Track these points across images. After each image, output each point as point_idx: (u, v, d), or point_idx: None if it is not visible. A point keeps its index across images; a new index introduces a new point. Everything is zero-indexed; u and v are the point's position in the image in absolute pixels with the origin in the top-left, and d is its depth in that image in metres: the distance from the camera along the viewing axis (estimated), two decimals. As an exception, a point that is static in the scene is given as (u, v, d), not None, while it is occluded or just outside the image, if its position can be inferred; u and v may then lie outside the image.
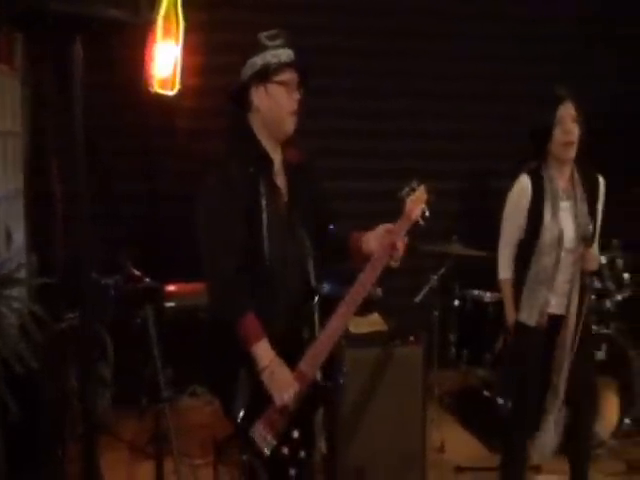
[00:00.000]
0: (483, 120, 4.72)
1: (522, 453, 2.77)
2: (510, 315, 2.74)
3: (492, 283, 3.94)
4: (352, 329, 3.19)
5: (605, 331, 3.57)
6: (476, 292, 3.90)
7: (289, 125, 2.07)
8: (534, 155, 2.71)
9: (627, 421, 3.51)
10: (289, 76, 2.04)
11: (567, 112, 2.53)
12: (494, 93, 4.72)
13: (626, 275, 3.79)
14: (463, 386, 4.14)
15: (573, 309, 2.59)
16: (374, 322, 3.31)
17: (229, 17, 4.23)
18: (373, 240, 2.08)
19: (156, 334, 2.49)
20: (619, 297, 3.76)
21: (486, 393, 3.78)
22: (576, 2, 4.82)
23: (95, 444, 2.09)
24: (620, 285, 3.81)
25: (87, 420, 2.06)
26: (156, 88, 3.85)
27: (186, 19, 3.83)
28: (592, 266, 2.58)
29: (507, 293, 2.76)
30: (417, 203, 2.10)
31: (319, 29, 4.37)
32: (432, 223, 4.92)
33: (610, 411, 3.47)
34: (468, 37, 4.67)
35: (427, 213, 2.11)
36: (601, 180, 2.71)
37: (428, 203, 2.12)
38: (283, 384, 1.93)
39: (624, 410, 3.50)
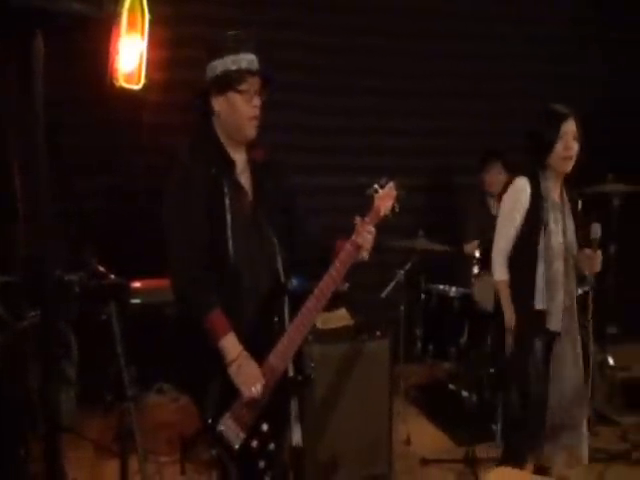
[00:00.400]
0: (449, 117, 4.78)
1: (525, 457, 2.79)
2: (511, 316, 2.71)
3: (457, 278, 4.05)
4: (319, 324, 3.21)
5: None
6: (441, 287, 3.95)
7: (249, 130, 2.07)
8: (532, 164, 2.74)
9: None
10: (249, 83, 2.03)
11: (570, 129, 2.61)
12: (460, 91, 4.79)
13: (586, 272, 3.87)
14: (429, 380, 4.21)
15: (572, 304, 2.71)
16: (341, 317, 3.32)
17: (195, 11, 4.19)
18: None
19: (121, 331, 2.46)
20: (580, 291, 3.85)
21: (451, 386, 3.85)
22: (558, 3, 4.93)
23: (58, 443, 2.06)
24: (581, 280, 3.90)
25: (50, 419, 2.03)
26: (121, 82, 3.79)
27: (151, 12, 3.78)
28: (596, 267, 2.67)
29: (505, 294, 2.73)
30: (386, 199, 2.13)
31: (287, 24, 4.38)
32: (398, 219, 4.97)
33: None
34: (439, 35, 4.73)
35: (397, 209, 2.16)
36: (579, 200, 2.81)
37: (398, 199, 2.16)
38: (250, 377, 1.94)
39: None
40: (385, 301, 3.76)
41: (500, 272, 2.76)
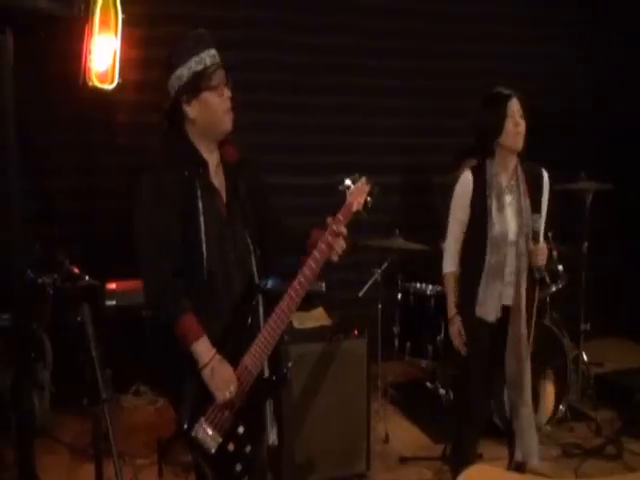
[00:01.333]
0: (423, 115, 4.81)
1: (474, 445, 2.85)
2: (452, 308, 2.79)
3: (434, 276, 4.07)
4: (296, 324, 3.20)
5: (542, 321, 3.70)
6: (418, 285, 3.96)
7: (227, 124, 2.06)
8: (479, 151, 2.77)
9: (562, 408, 3.66)
10: (217, 78, 2.01)
11: (515, 107, 2.65)
12: (435, 89, 4.82)
13: (560, 267, 3.93)
14: (406, 378, 4.23)
15: (522, 301, 2.66)
16: (318, 317, 3.32)
17: (169, 10, 4.16)
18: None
19: (95, 333, 2.44)
20: (554, 288, 3.90)
21: (428, 384, 3.87)
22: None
23: (31, 447, 2.03)
24: (555, 277, 3.96)
25: (22, 424, 2.00)
26: (95, 82, 3.75)
27: (125, 11, 3.74)
28: (541, 261, 2.64)
29: (451, 286, 2.80)
30: (358, 194, 2.10)
31: (260, 23, 4.36)
32: (375, 218, 4.99)
33: (546, 398, 3.60)
34: (411, 33, 4.75)
35: (370, 204, 2.12)
36: (545, 174, 2.79)
37: (371, 194, 2.13)
38: (224, 381, 1.93)
39: (559, 397, 3.64)
40: (362, 300, 3.77)
41: (448, 265, 2.81)
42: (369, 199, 2.12)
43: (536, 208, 2.70)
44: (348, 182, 2.11)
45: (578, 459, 3.33)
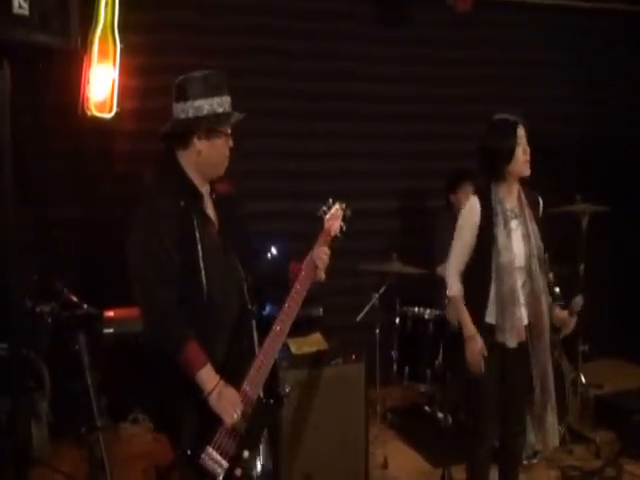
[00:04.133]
0: (419, 140, 4.85)
1: (488, 469, 2.85)
2: (470, 327, 2.72)
3: (431, 300, 4.07)
4: (294, 350, 3.20)
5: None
6: (416, 309, 3.95)
7: (222, 169, 2.15)
8: (487, 175, 2.78)
9: (561, 429, 3.63)
10: (229, 126, 2.11)
11: (523, 133, 2.69)
12: (431, 113, 4.87)
13: (557, 289, 3.94)
14: (405, 402, 4.20)
15: (544, 320, 2.71)
16: (315, 342, 3.32)
17: (168, 39, 4.22)
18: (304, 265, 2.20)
19: (92, 361, 2.43)
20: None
21: (427, 408, 3.85)
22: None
23: (28, 478, 2.01)
24: (552, 298, 3.95)
25: (19, 454, 1.99)
26: (93, 111, 3.79)
27: (123, 41, 3.80)
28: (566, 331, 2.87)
29: (461, 307, 2.76)
30: (334, 219, 2.24)
31: (252, 51, 4.42)
32: (372, 242, 5.03)
33: (546, 421, 3.58)
34: (406, 59, 4.81)
35: (344, 229, 2.26)
36: (540, 200, 2.84)
37: (344, 219, 2.27)
38: (231, 404, 1.96)
39: (559, 420, 3.61)
40: (360, 324, 3.77)
41: (453, 288, 2.79)
42: (343, 224, 2.25)
43: (541, 231, 2.75)
44: (324, 207, 2.25)
45: (578, 481, 3.31)
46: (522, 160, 2.65)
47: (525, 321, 2.71)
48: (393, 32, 4.79)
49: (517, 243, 2.68)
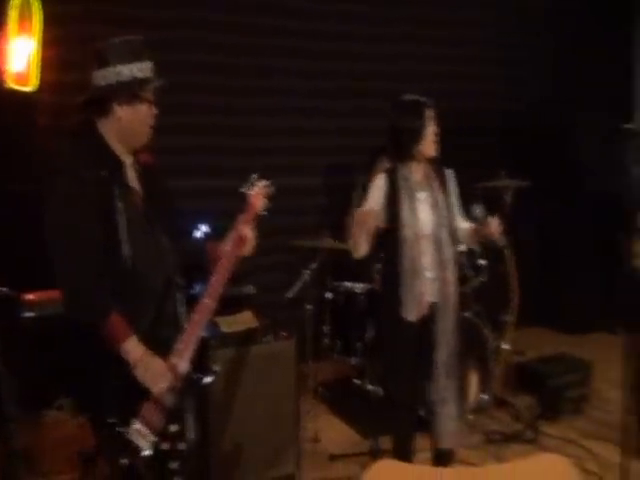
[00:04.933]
0: (346, 116, 4.87)
1: (411, 439, 2.93)
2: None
3: (363, 275, 4.15)
4: (224, 328, 3.21)
5: (465, 315, 3.82)
6: (347, 284, 4.02)
7: (146, 138, 2.10)
8: (395, 154, 2.85)
9: (484, 397, 3.82)
10: (152, 93, 2.06)
11: (432, 114, 2.76)
12: (355, 90, 4.88)
13: (482, 261, 4.09)
14: (337, 376, 4.28)
15: (451, 294, 2.76)
16: (246, 320, 3.33)
17: (91, 9, 4.05)
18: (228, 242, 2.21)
19: (7, 347, 2.36)
20: (476, 282, 4.05)
21: (357, 381, 3.94)
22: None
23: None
24: (477, 271, 4.11)
25: None
26: (11, 83, 3.63)
27: (43, 11, 3.62)
28: (495, 232, 2.77)
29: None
30: (258, 196, 2.27)
31: (172, 23, 4.28)
32: (303, 219, 5.05)
33: (470, 388, 3.75)
34: (331, 35, 4.80)
35: (267, 206, 2.30)
36: (449, 172, 2.91)
37: (268, 196, 2.30)
38: (158, 374, 1.94)
39: (482, 387, 3.80)
40: (292, 301, 3.79)
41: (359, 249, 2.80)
42: (265, 201, 2.29)
43: (447, 199, 2.83)
44: (248, 184, 2.28)
45: (499, 445, 3.48)
46: (430, 141, 2.74)
47: (430, 297, 2.76)
48: (325, 6, 4.76)
49: (425, 213, 2.75)
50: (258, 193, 2.28)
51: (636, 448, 3.20)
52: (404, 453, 2.90)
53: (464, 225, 2.94)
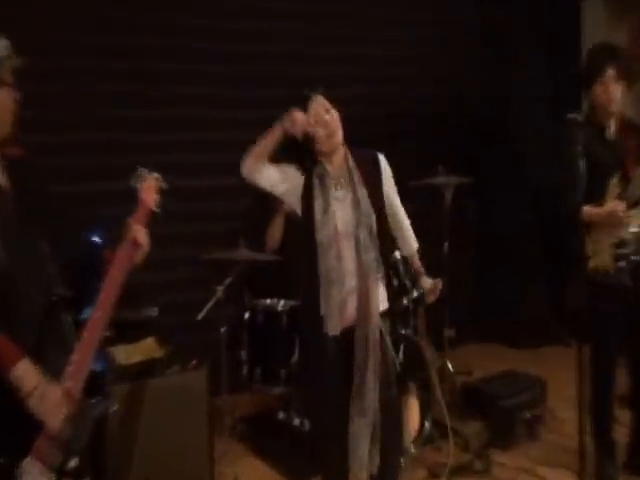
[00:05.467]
0: (262, 108, 4.84)
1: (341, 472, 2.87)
2: None
3: (285, 290, 4.12)
4: (122, 359, 3.14)
5: (402, 332, 3.84)
6: (268, 301, 3.97)
7: (8, 127, 2.06)
8: (301, 157, 2.86)
9: (428, 425, 3.84)
10: (11, 75, 2.01)
11: (320, 107, 2.75)
12: (275, 78, 4.88)
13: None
14: (258, 409, 4.24)
15: (373, 304, 2.73)
16: (148, 348, 3.27)
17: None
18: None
19: None
20: (415, 294, 4.09)
21: (281, 414, 3.91)
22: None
23: None
24: (416, 281, 4.15)
25: None
26: None
27: None
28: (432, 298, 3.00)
29: None
30: (149, 191, 2.30)
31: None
32: (214, 226, 4.97)
33: (411, 416, 3.77)
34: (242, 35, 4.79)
35: (159, 201, 2.33)
36: (381, 158, 2.91)
37: (160, 191, 2.34)
38: (55, 404, 1.92)
39: (424, 414, 3.83)
40: (203, 323, 3.71)
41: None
42: (157, 196, 2.32)
43: (378, 194, 2.83)
44: (136, 177, 2.31)
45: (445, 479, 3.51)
46: (322, 136, 2.74)
47: (353, 306, 2.75)
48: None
49: (344, 213, 2.75)
50: (148, 187, 2.29)
51: (595, 473, 3.34)
52: None
53: (407, 227, 3.00)
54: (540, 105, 5.68)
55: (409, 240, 3.05)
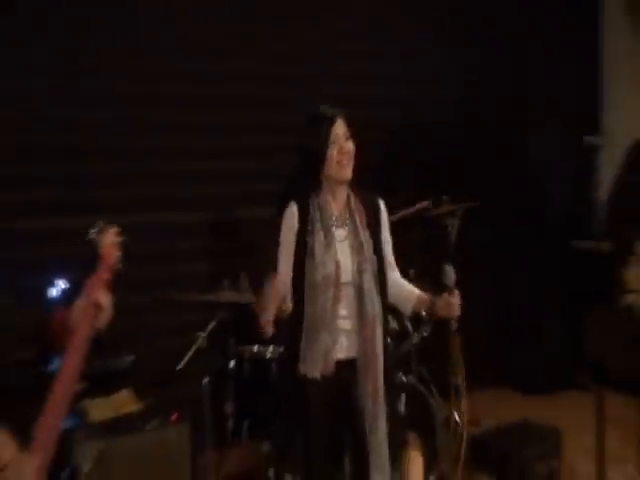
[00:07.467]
0: (246, 131, 4.95)
1: None
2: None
3: (274, 335, 4.17)
4: (95, 415, 3.18)
5: (404, 379, 3.91)
6: (255, 348, 4.02)
7: None
8: (308, 181, 2.94)
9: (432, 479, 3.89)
10: None
11: (341, 130, 2.82)
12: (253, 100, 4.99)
13: (424, 313, 4.19)
14: (245, 468, 4.25)
15: (377, 350, 2.80)
16: (123, 402, 3.32)
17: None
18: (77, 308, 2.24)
19: None
20: (417, 337, 4.16)
21: (271, 473, 3.93)
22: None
23: None
24: (417, 324, 4.22)
25: None
26: None
27: None
28: (454, 311, 2.86)
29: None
30: (111, 247, 2.30)
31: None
32: (194, 265, 5.02)
33: (414, 470, 3.81)
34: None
35: (120, 257, 2.35)
36: (382, 204, 3.00)
37: (121, 245, 2.36)
38: (29, 478, 1.95)
39: (428, 467, 3.87)
40: (184, 374, 3.77)
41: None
42: (118, 252, 2.34)
43: (377, 241, 2.89)
44: (94, 231, 2.33)
45: None
46: (336, 161, 2.78)
47: (342, 353, 2.81)
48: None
49: (343, 256, 2.81)
50: (109, 244, 2.31)
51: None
52: None
53: (402, 283, 3.03)
54: (557, 126, 5.84)
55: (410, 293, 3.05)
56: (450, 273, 2.86)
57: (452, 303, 2.84)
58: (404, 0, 5.56)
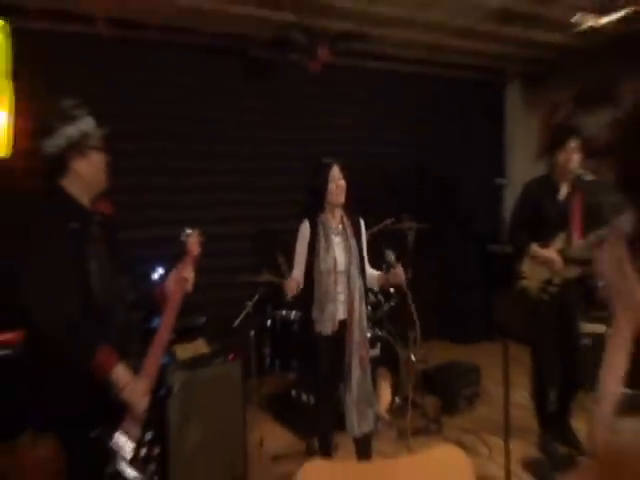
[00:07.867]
0: (276, 175, 4.96)
1: (329, 434, 2.98)
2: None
3: (296, 304, 4.17)
4: (179, 354, 3.16)
5: (379, 333, 3.93)
6: (284, 312, 4.03)
7: (104, 183, 2.11)
8: (316, 206, 2.97)
9: (397, 400, 3.90)
10: (100, 141, 2.06)
11: (336, 172, 2.88)
12: (284, 153, 4.98)
13: (392, 289, 4.22)
14: (277, 389, 4.26)
15: (357, 313, 2.83)
16: (198, 347, 3.29)
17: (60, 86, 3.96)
18: (171, 283, 2.25)
19: None
20: (387, 307, 4.17)
21: (293, 393, 3.94)
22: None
23: None
24: (388, 297, 4.23)
25: None
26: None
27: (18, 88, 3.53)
28: (399, 279, 2.85)
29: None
30: (195, 243, 2.32)
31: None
32: (245, 259, 4.98)
33: (385, 393, 3.82)
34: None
35: (201, 250, 2.36)
36: (362, 221, 3.04)
37: (201, 242, 2.37)
38: (142, 395, 1.95)
39: (395, 392, 3.88)
40: (238, 329, 3.78)
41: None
42: (199, 247, 2.35)
43: (359, 244, 2.94)
44: (185, 233, 2.33)
45: (411, 438, 3.55)
46: (334, 193, 2.86)
47: (341, 315, 2.84)
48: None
49: (339, 254, 2.86)
50: (194, 241, 2.33)
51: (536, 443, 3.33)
52: (325, 446, 2.93)
53: (371, 271, 3.05)
54: (478, 173, 5.81)
55: (373, 276, 3.07)
56: (390, 255, 2.89)
57: (397, 274, 2.84)
58: (383, 106, 5.52)
